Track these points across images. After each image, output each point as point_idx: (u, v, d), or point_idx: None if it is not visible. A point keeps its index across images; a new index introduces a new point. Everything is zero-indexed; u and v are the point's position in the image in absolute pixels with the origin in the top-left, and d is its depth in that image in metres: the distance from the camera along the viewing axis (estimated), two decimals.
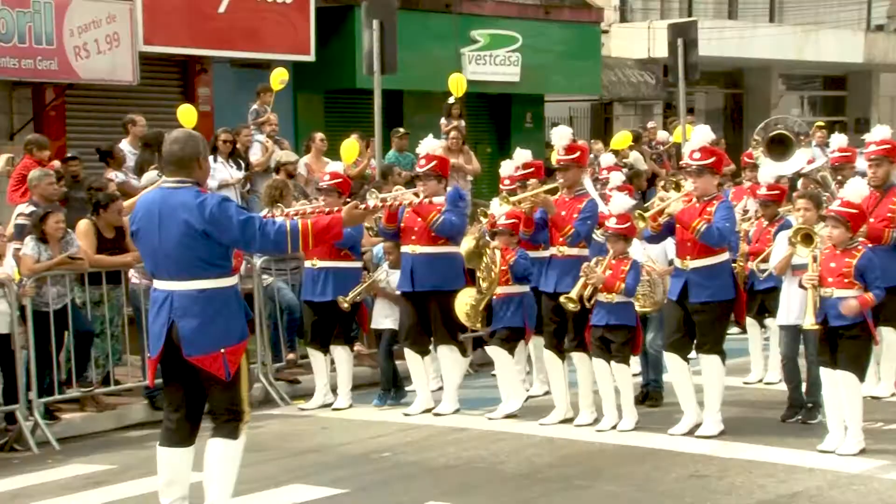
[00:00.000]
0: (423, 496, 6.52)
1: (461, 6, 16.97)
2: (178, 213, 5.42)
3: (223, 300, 5.50)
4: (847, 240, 7.08)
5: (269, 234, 5.47)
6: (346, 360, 8.98)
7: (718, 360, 7.51)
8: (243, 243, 5.53)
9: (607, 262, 7.71)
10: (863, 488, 6.37)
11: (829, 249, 7.11)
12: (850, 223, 7.07)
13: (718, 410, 7.57)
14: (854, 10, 25.69)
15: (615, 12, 21.82)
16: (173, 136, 5.66)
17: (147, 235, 5.54)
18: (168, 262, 5.48)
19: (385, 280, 8.86)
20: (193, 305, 5.44)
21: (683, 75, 14.61)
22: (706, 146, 7.55)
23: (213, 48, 13.96)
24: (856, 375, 7.02)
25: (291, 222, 5.58)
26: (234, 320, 5.54)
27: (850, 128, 24.60)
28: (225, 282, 5.53)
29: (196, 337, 5.43)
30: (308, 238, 5.53)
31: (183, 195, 5.46)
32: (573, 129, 8.62)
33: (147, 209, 5.58)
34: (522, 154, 8.58)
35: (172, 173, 5.57)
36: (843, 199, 7.15)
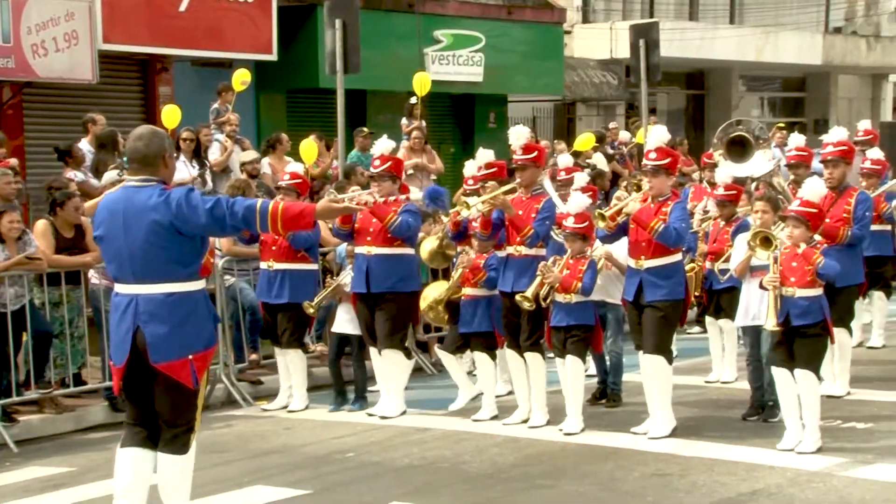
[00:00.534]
0: (387, 496, 6.51)
1: (424, 6, 16.97)
2: (143, 212, 5.20)
3: (191, 304, 5.30)
4: (808, 239, 7.16)
5: (237, 212, 5.23)
6: (300, 362, 8.94)
7: (664, 360, 7.52)
8: (215, 225, 5.24)
9: (564, 262, 7.72)
10: (822, 486, 6.44)
11: (790, 249, 7.18)
12: (810, 222, 7.15)
13: (669, 409, 7.59)
14: (812, 12, 26.00)
15: (577, 13, 21.93)
16: (137, 132, 5.42)
17: (111, 237, 5.30)
18: (134, 264, 5.24)
19: (349, 283, 8.81)
20: (160, 310, 5.22)
21: (645, 76, 14.70)
22: (662, 146, 7.59)
23: (174, 47, 13.86)
24: (814, 373, 7.10)
25: (263, 201, 5.33)
26: (203, 326, 5.35)
27: (810, 129, 24.89)
28: (193, 285, 5.32)
29: (163, 343, 5.22)
30: (277, 220, 5.25)
31: (147, 194, 5.23)
32: (536, 130, 8.66)
33: (110, 210, 5.34)
34: (485, 154, 8.59)
35: (136, 171, 5.33)
36: (801, 199, 7.22)
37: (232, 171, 12.03)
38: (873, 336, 10.72)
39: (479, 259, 8.20)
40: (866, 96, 27.85)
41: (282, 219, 5.25)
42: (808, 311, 7.04)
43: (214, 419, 8.77)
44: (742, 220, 8.87)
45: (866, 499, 6.18)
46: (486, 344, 8.25)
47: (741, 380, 8.83)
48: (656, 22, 16.11)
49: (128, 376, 5.37)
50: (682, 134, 21.55)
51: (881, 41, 25.83)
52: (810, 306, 7.05)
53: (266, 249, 8.86)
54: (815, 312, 7.06)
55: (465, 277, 8.26)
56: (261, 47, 14.58)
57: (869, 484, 6.43)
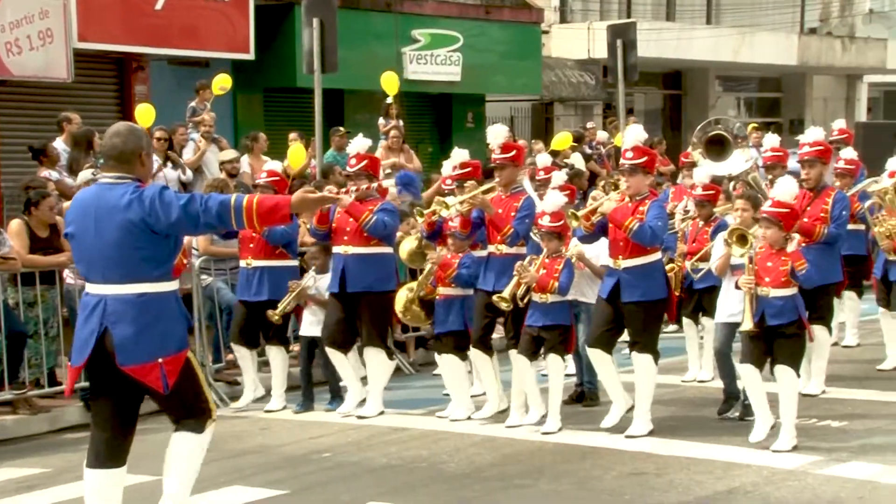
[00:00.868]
0: (364, 496, 6.50)
1: (402, 6, 16.96)
2: (116, 210, 5.03)
3: (162, 306, 5.12)
4: (781, 239, 7.20)
5: (211, 208, 5.05)
6: (281, 361, 8.92)
7: (651, 359, 7.55)
8: (188, 222, 5.06)
9: (541, 261, 7.73)
10: (797, 484, 6.48)
11: (765, 249, 7.22)
12: (783, 222, 7.19)
13: (648, 410, 7.62)
14: (788, 13, 26.15)
15: (555, 13, 21.97)
16: (114, 129, 5.26)
17: (82, 236, 5.14)
18: (104, 263, 5.08)
19: (314, 286, 8.76)
20: (129, 311, 5.05)
21: (622, 76, 14.74)
22: (639, 146, 7.61)
23: (150, 46, 13.79)
24: (794, 371, 7.13)
25: (237, 196, 5.14)
26: (173, 328, 5.16)
27: (785, 129, 25.05)
28: (164, 286, 5.15)
29: (131, 345, 5.04)
30: (253, 216, 5.07)
31: (121, 191, 5.06)
32: (514, 129, 8.67)
33: (82, 208, 5.19)
34: (459, 154, 8.59)
35: (112, 168, 5.16)
36: (774, 200, 7.25)
37: (205, 171, 11.99)
38: (847, 335, 10.80)
39: (454, 258, 8.19)
40: (841, 96, 28.04)
41: (257, 213, 5.09)
42: (783, 311, 7.09)
43: None
44: (721, 220, 8.91)
45: (840, 496, 6.23)
46: (456, 344, 8.23)
47: (719, 379, 8.87)
48: (633, 22, 16.16)
49: (94, 380, 5.23)
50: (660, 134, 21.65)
51: (856, 42, 26.02)
52: (785, 306, 7.10)
53: (244, 247, 8.83)
54: (790, 312, 7.11)
55: (439, 277, 8.25)
56: (238, 46, 14.53)
57: (843, 482, 6.48)
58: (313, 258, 8.88)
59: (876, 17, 28.22)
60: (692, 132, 10.53)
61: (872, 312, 10.41)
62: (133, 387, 5.18)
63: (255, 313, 8.81)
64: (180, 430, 5.31)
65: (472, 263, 8.14)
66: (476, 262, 8.16)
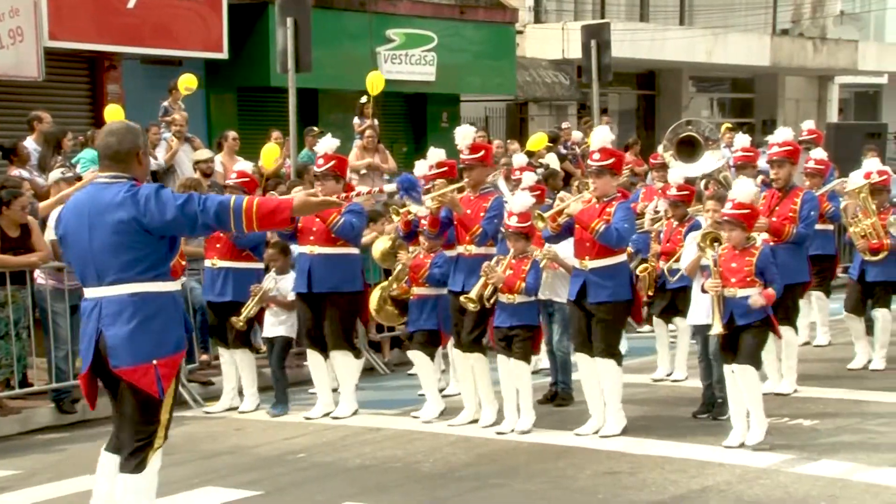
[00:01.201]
0: (339, 496, 6.49)
1: (376, 5, 16.95)
2: (110, 210, 4.86)
3: (157, 306, 4.92)
4: (745, 239, 7.26)
5: (209, 209, 4.86)
6: (249, 362, 8.88)
7: (614, 363, 7.55)
8: (185, 222, 4.88)
9: (507, 262, 7.73)
10: (769, 482, 6.52)
11: (728, 250, 7.26)
12: (745, 223, 7.25)
13: (620, 408, 7.63)
14: (760, 14, 26.31)
15: (529, 13, 22.00)
16: (110, 127, 5.10)
17: (76, 238, 4.96)
18: (98, 265, 4.91)
19: (275, 288, 8.72)
20: (123, 311, 4.86)
21: (597, 76, 14.79)
22: (606, 147, 7.62)
23: (122, 44, 13.71)
24: (753, 367, 7.18)
25: (236, 198, 4.95)
26: (170, 329, 4.94)
27: (758, 129, 25.20)
28: (161, 286, 4.94)
29: (124, 346, 4.85)
30: (252, 218, 4.89)
31: (115, 190, 4.89)
32: (489, 129, 8.68)
33: (75, 209, 5.01)
34: (435, 153, 8.60)
35: (107, 168, 4.98)
36: (734, 202, 7.29)
37: (176, 171, 11.94)
38: (818, 334, 10.89)
39: (427, 258, 8.19)
40: (813, 97, 28.24)
41: (257, 215, 4.90)
42: (750, 311, 7.13)
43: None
44: (695, 220, 8.96)
45: (812, 494, 6.27)
46: (427, 342, 8.22)
47: (692, 378, 8.92)
48: (607, 23, 16.23)
49: (104, 383, 5.04)
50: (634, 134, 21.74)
51: (827, 43, 26.21)
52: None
53: (210, 247, 8.79)
54: (758, 311, 7.15)
55: (412, 276, 8.24)
56: (211, 45, 14.48)
57: (814, 480, 6.53)
58: (272, 259, 8.80)
59: (847, 18, 28.46)
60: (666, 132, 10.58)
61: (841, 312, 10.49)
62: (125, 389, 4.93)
63: (220, 314, 8.78)
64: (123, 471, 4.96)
65: (444, 263, 8.14)
66: (448, 262, 8.16)
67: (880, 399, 8.59)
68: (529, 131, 19.93)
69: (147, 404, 4.92)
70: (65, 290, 8.65)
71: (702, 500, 6.25)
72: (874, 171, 9.73)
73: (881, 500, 6.15)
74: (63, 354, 8.68)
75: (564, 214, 7.54)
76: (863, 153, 12.95)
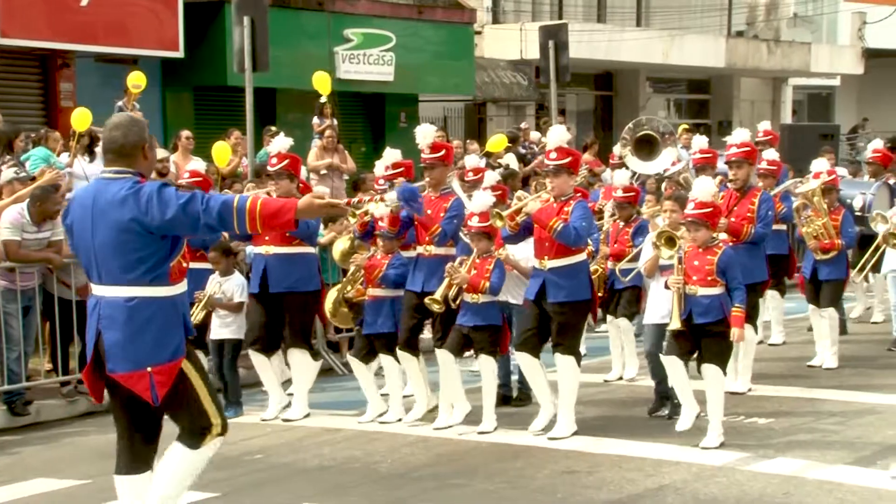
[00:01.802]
0: (297, 497, 6.46)
1: (334, 5, 16.89)
2: (112, 206, 4.76)
3: (154, 311, 4.80)
4: (709, 238, 7.33)
5: (212, 208, 4.74)
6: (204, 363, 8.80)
7: (573, 360, 7.59)
8: (187, 222, 4.75)
9: (471, 262, 7.74)
10: (725, 480, 6.58)
11: (691, 248, 7.33)
12: (709, 222, 7.34)
13: (572, 410, 7.65)
14: (716, 16, 26.54)
15: (487, 13, 22.04)
16: (114, 121, 4.99)
17: (81, 232, 4.88)
18: (99, 263, 4.82)
19: (220, 291, 8.65)
20: (119, 315, 4.77)
21: (555, 77, 14.85)
22: (563, 146, 7.66)
23: (76, 42, 13.54)
24: (720, 369, 7.25)
25: (240, 197, 4.84)
26: (167, 335, 4.82)
27: (714, 130, 25.43)
28: (160, 290, 4.83)
29: (118, 351, 4.76)
30: (256, 219, 4.77)
31: (119, 186, 4.78)
32: (447, 130, 8.67)
33: (81, 202, 4.91)
34: (391, 154, 8.59)
35: (112, 162, 4.88)
36: (696, 201, 7.34)
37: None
38: (773, 333, 11.01)
39: (384, 259, 8.16)
40: (767, 99, 28.54)
41: (261, 216, 4.78)
42: (710, 309, 7.21)
43: None
44: (641, 221, 9.04)
45: (767, 492, 6.34)
46: (388, 345, 8.20)
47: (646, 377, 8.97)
48: (565, 23, 16.29)
49: (107, 386, 4.95)
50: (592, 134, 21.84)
51: (781, 45, 26.50)
52: (711, 304, 7.22)
53: None
54: (717, 310, 7.23)
55: (368, 278, 8.21)
56: (167, 44, 14.34)
57: (769, 478, 6.60)
58: (215, 262, 8.72)
59: (800, 21, 28.78)
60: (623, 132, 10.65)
61: (796, 311, 10.63)
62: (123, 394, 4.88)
63: None
64: (177, 440, 5.03)
65: (400, 264, 8.12)
66: (405, 263, 8.15)
67: (833, 397, 8.71)
68: (488, 132, 19.95)
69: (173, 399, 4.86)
70: (17, 290, 8.53)
71: (659, 498, 6.29)
72: (824, 171, 9.87)
73: (834, 497, 6.23)
74: (15, 356, 8.56)
75: (523, 213, 7.56)
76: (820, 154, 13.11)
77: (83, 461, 7.49)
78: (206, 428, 4.99)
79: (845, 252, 9.91)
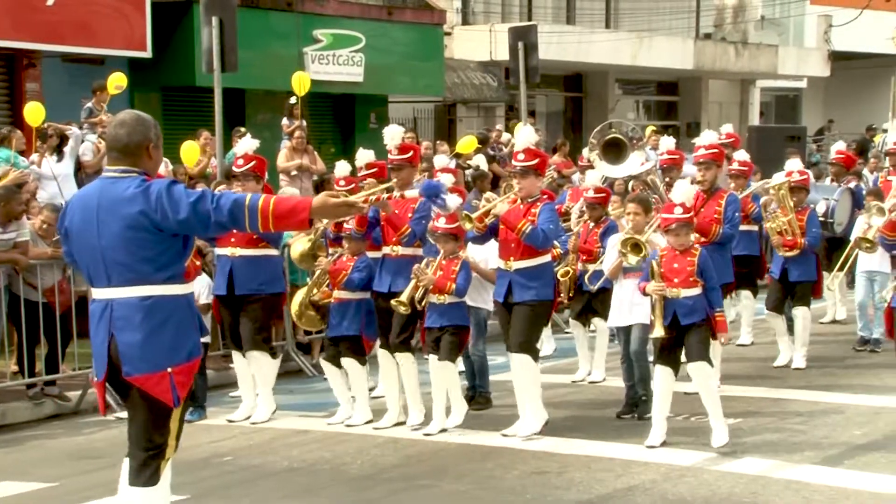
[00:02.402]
0: (266, 499, 6.44)
1: (303, 5, 16.84)
2: (120, 205, 4.59)
3: (171, 309, 4.65)
4: (690, 242, 7.34)
5: (223, 206, 4.58)
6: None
7: (530, 359, 7.57)
8: (197, 222, 4.59)
9: (437, 263, 7.74)
10: (693, 480, 6.62)
11: (668, 251, 7.30)
12: (693, 225, 7.37)
13: (540, 406, 7.65)
14: (684, 18, 26.71)
15: (457, 14, 22.06)
16: (119, 118, 4.82)
17: (83, 234, 4.69)
18: (108, 264, 4.63)
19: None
20: (135, 315, 4.59)
21: (524, 78, 14.88)
22: (530, 148, 7.67)
23: (42, 42, 13.42)
24: (706, 363, 7.19)
25: (252, 196, 4.68)
26: (185, 334, 4.69)
27: (682, 131, 25.58)
28: (175, 288, 4.68)
29: (136, 353, 4.58)
30: (269, 218, 4.61)
31: (125, 185, 4.63)
32: (417, 131, 8.66)
33: (83, 203, 4.73)
34: (364, 154, 8.57)
35: (116, 161, 4.72)
36: (683, 206, 7.28)
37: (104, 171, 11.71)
38: (742, 334, 11.08)
39: (349, 261, 8.13)
40: (735, 101, 28.75)
41: (273, 215, 4.62)
42: (694, 310, 7.17)
43: (87, 424, 8.53)
44: (610, 222, 9.08)
45: (735, 492, 6.38)
46: (353, 349, 8.15)
47: (614, 378, 9.01)
48: (534, 25, 16.32)
49: (118, 393, 4.78)
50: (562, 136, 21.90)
51: (748, 48, 26.70)
52: (695, 304, 7.18)
53: None
54: (700, 311, 7.18)
55: (333, 281, 8.18)
56: (134, 44, 14.25)
57: (737, 477, 6.64)
58: None
59: (767, 23, 29.02)
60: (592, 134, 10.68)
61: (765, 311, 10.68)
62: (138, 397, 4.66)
63: None
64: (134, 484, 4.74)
65: (365, 267, 8.07)
66: (370, 265, 8.11)
67: (801, 397, 8.78)
68: (458, 132, 19.97)
69: (160, 413, 4.67)
70: None
71: (628, 498, 6.32)
72: (795, 170, 9.95)
73: (801, 497, 6.28)
74: None
75: (491, 215, 7.57)
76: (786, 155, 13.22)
77: (50, 464, 7.43)
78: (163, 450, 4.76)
79: (815, 254, 9.98)
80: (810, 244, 9.76)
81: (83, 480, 6.77)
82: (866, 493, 6.30)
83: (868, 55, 28.65)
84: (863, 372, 9.78)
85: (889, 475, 6.59)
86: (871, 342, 10.69)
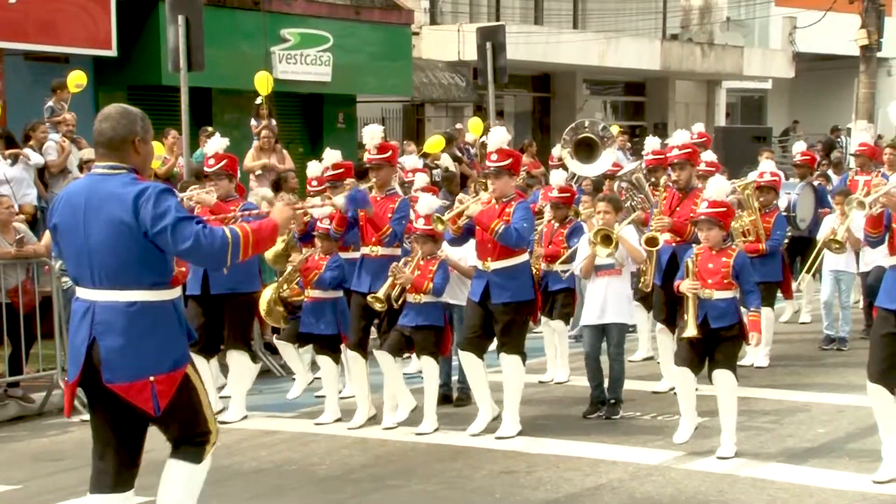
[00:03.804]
0: (235, 501, 6.40)
1: (270, 4, 16.78)
2: (108, 205, 4.44)
3: (156, 317, 4.50)
4: (721, 240, 7.15)
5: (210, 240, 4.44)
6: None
7: (519, 360, 7.61)
8: (173, 243, 4.41)
9: (415, 263, 7.74)
10: (661, 479, 6.65)
11: (704, 251, 7.14)
12: (723, 222, 7.18)
13: (517, 410, 7.66)
14: (651, 19, 26.86)
15: (425, 14, 22.06)
16: (104, 112, 4.67)
17: (70, 232, 4.54)
18: (93, 264, 4.48)
19: None
20: (118, 321, 4.45)
21: (492, 78, 14.91)
22: (503, 148, 7.67)
23: (4, 40, 13.29)
24: (732, 373, 7.06)
25: (231, 230, 4.54)
26: (170, 342, 4.55)
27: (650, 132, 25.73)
28: (161, 294, 4.53)
29: (118, 360, 4.44)
30: (248, 248, 4.56)
31: (116, 183, 4.47)
32: (386, 130, 8.64)
33: (70, 200, 4.57)
34: (332, 154, 8.55)
35: (103, 157, 4.56)
36: (709, 200, 7.21)
37: (70, 172, 11.62)
38: None
39: (322, 260, 8.11)
40: (702, 101, 28.95)
41: (253, 243, 4.58)
42: (726, 313, 7.02)
43: (51, 426, 8.45)
44: (576, 222, 9.09)
45: (701, 490, 6.42)
46: (328, 346, 8.16)
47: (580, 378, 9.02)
48: (502, 25, 16.35)
49: (88, 397, 4.65)
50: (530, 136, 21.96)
51: (714, 49, 26.90)
52: (727, 308, 7.03)
53: None
54: (732, 314, 7.05)
55: (305, 280, 8.16)
56: (99, 42, 14.13)
57: (704, 476, 6.68)
58: None
59: (733, 25, 29.23)
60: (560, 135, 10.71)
61: None
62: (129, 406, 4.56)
63: None
64: (176, 456, 4.74)
65: (336, 266, 8.07)
66: (341, 265, 8.10)
67: (766, 396, 8.84)
68: (426, 133, 19.96)
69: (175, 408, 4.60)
70: None
71: (596, 497, 6.34)
72: (767, 172, 10.00)
73: (767, 495, 6.33)
74: None
75: (464, 216, 7.57)
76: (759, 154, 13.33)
77: (14, 466, 7.35)
78: (205, 435, 4.74)
79: (780, 254, 10.02)
80: (771, 247, 9.76)
81: (47, 482, 6.70)
82: (830, 490, 6.36)
83: (832, 57, 28.95)
84: (828, 371, 9.86)
85: (852, 473, 6.65)
86: (837, 341, 10.79)
